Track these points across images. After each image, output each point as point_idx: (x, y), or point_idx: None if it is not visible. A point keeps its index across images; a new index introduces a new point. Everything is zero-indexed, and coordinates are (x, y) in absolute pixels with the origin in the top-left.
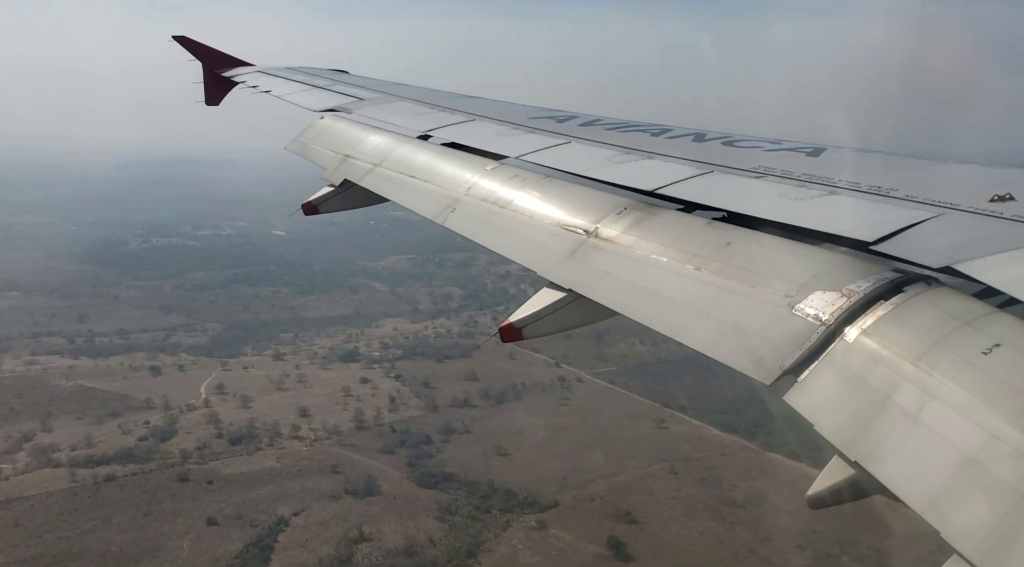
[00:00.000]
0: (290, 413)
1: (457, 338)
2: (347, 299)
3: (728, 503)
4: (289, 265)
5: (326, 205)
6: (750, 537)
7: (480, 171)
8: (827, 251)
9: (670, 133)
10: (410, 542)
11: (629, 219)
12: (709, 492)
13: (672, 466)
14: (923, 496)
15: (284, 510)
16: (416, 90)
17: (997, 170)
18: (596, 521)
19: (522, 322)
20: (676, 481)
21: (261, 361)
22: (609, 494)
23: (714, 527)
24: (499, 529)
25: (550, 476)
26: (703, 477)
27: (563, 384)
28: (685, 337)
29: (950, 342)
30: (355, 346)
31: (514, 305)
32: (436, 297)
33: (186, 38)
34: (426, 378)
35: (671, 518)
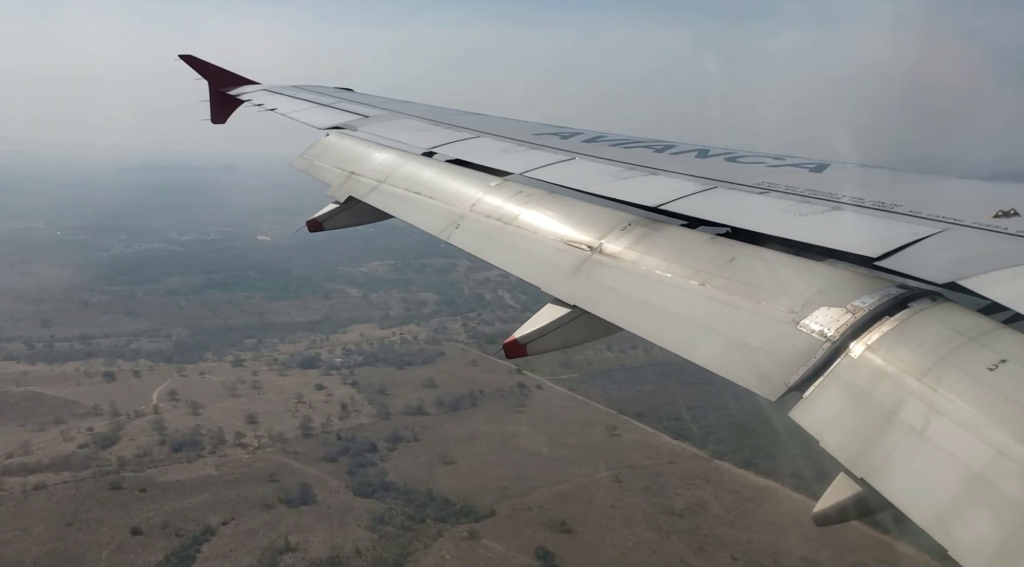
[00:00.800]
0: (238, 420)
1: (423, 344)
2: (318, 305)
3: (668, 512)
4: (267, 270)
5: (331, 222)
6: (684, 547)
7: (484, 187)
8: (831, 267)
9: (674, 149)
10: (336, 552)
11: (633, 235)
12: (650, 501)
13: (617, 474)
14: (930, 513)
15: (213, 519)
16: (421, 107)
17: (1001, 185)
18: (530, 531)
19: (526, 338)
20: (619, 489)
21: (220, 367)
22: (548, 503)
23: (649, 537)
24: (430, 539)
25: (492, 485)
26: (647, 485)
27: (522, 391)
28: (690, 353)
29: (955, 358)
30: (317, 352)
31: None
32: (409, 303)
33: (192, 57)
34: (383, 385)
35: (607, 528)
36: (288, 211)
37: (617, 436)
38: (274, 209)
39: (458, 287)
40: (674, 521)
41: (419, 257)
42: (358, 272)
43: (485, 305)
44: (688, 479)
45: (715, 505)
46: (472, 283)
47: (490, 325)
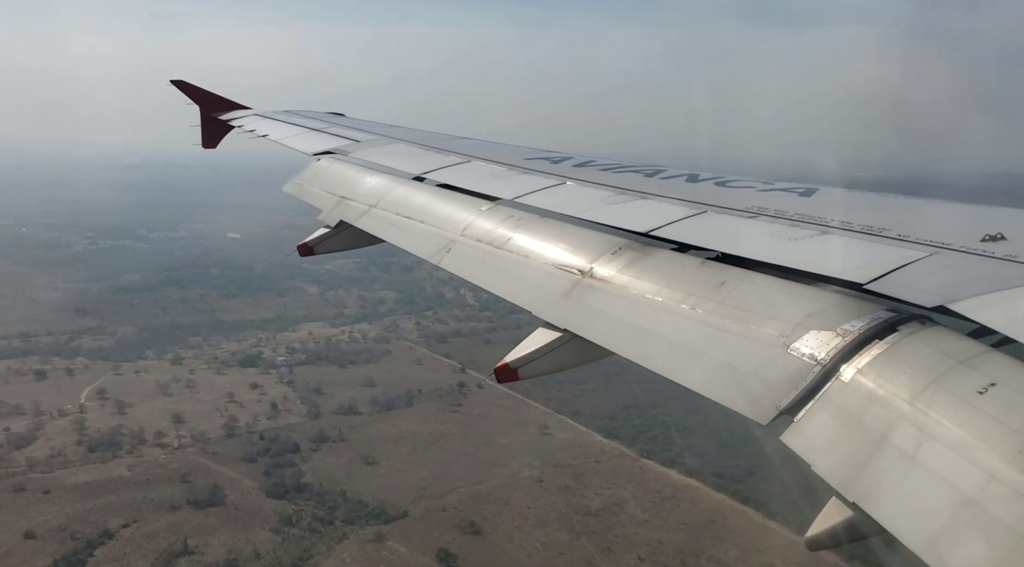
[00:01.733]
0: (164, 419)
1: (371, 343)
2: (272, 303)
3: (583, 512)
4: (229, 268)
5: (322, 246)
6: (593, 548)
7: (475, 212)
8: (821, 290)
9: (663, 174)
10: (234, 555)
11: (624, 259)
12: (568, 501)
13: (540, 474)
14: (922, 537)
15: (114, 522)
16: (412, 132)
17: (988, 209)
18: (439, 533)
19: (517, 362)
20: (539, 489)
21: (158, 365)
22: (464, 504)
23: (559, 537)
24: (334, 542)
25: (411, 485)
26: (568, 485)
27: (461, 390)
28: (680, 377)
29: (946, 381)
30: (260, 351)
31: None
32: (367, 301)
33: (184, 82)
34: (320, 384)
35: (518, 528)
36: (263, 209)
37: (548, 435)
38: (249, 206)
39: (420, 285)
40: (588, 521)
41: (385, 255)
42: (322, 270)
43: (444, 303)
44: (611, 478)
45: (632, 505)
46: (435, 281)
47: (444, 323)
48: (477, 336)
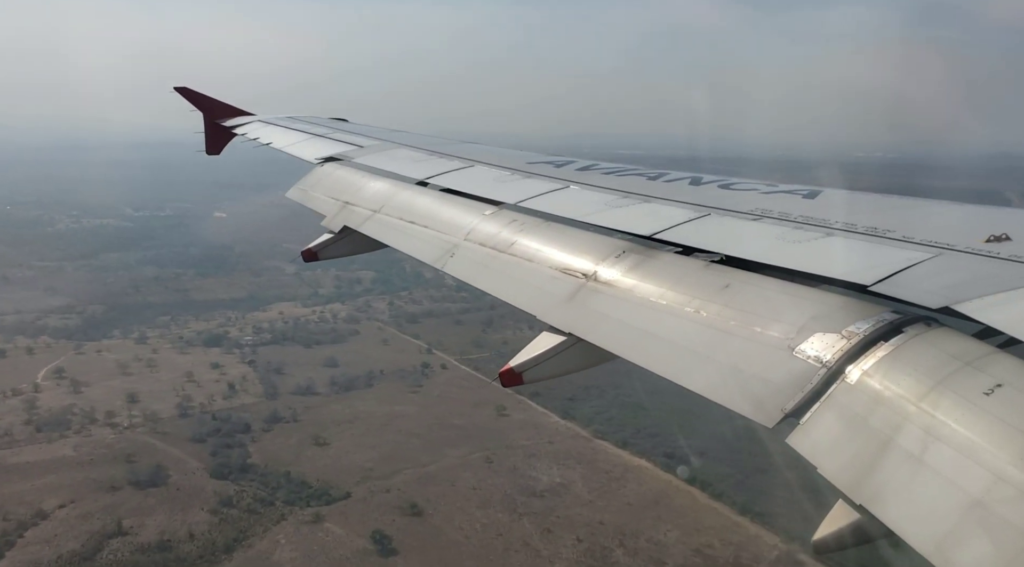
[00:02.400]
0: (118, 399)
1: (341, 323)
2: (247, 282)
3: (529, 493)
4: (209, 247)
5: (326, 252)
6: (533, 529)
7: (479, 216)
8: (826, 293)
9: (667, 177)
10: (167, 536)
11: (628, 262)
12: (515, 482)
13: (491, 455)
14: (929, 539)
15: (50, 502)
16: (415, 137)
17: (992, 210)
18: (379, 514)
19: (522, 366)
20: (487, 470)
21: (122, 345)
22: (409, 485)
23: (500, 519)
24: (271, 523)
25: (358, 467)
26: (517, 466)
27: (425, 371)
28: (685, 380)
29: (951, 383)
30: (226, 331)
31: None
32: (343, 281)
33: (187, 89)
34: (282, 364)
35: (460, 510)
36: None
37: (506, 416)
38: (240, 185)
39: (400, 265)
40: (532, 502)
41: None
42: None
43: (421, 284)
44: (562, 459)
45: (579, 485)
46: (416, 261)
47: (418, 304)
48: (449, 317)
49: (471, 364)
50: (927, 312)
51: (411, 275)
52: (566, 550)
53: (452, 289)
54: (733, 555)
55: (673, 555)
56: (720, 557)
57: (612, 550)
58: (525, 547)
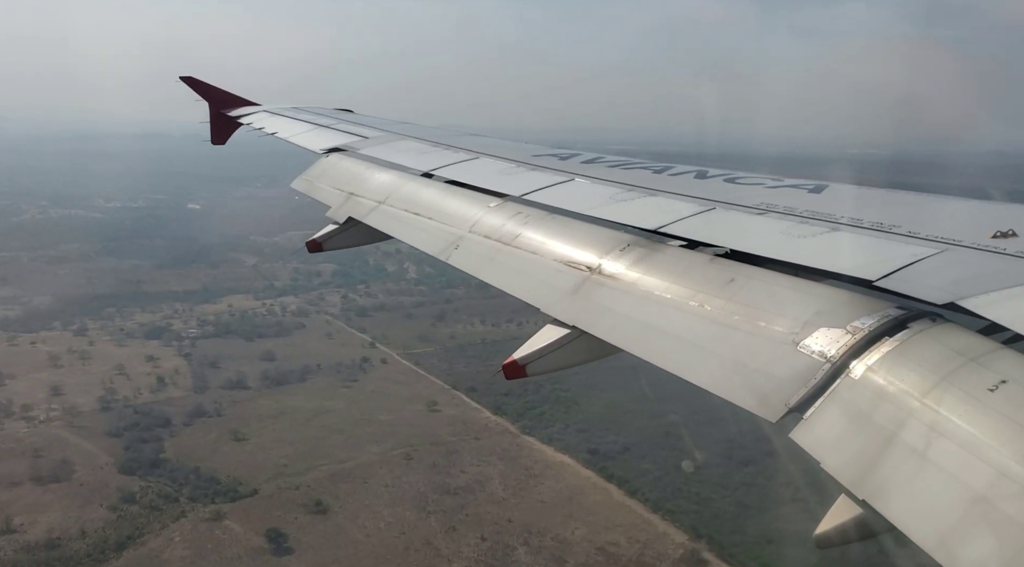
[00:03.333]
0: (41, 392)
1: (289, 316)
2: (203, 274)
3: (442, 491)
4: (174, 239)
5: (331, 243)
6: (438, 527)
7: (483, 208)
8: (831, 288)
9: (672, 170)
10: (57, 535)
11: (632, 256)
12: (431, 479)
13: (411, 452)
14: (932, 535)
15: None
16: (420, 129)
17: (999, 205)
18: (282, 512)
19: (526, 359)
20: (404, 467)
21: (60, 337)
22: (320, 482)
23: (407, 517)
24: (170, 520)
25: (272, 463)
26: (437, 463)
27: (364, 365)
28: (689, 374)
29: (956, 379)
30: (171, 323)
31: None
32: (301, 274)
33: (193, 79)
34: (219, 357)
35: (368, 508)
36: (234, 181)
37: (436, 412)
38: (220, 178)
39: (364, 258)
40: (443, 500)
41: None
42: (271, 241)
43: (382, 277)
44: (484, 456)
45: (496, 483)
46: (380, 255)
47: (372, 297)
48: (402, 311)
49: (413, 359)
50: (932, 308)
51: (373, 268)
52: (468, 549)
53: (410, 283)
54: (637, 553)
55: (576, 553)
56: (623, 555)
57: (515, 548)
58: (426, 546)
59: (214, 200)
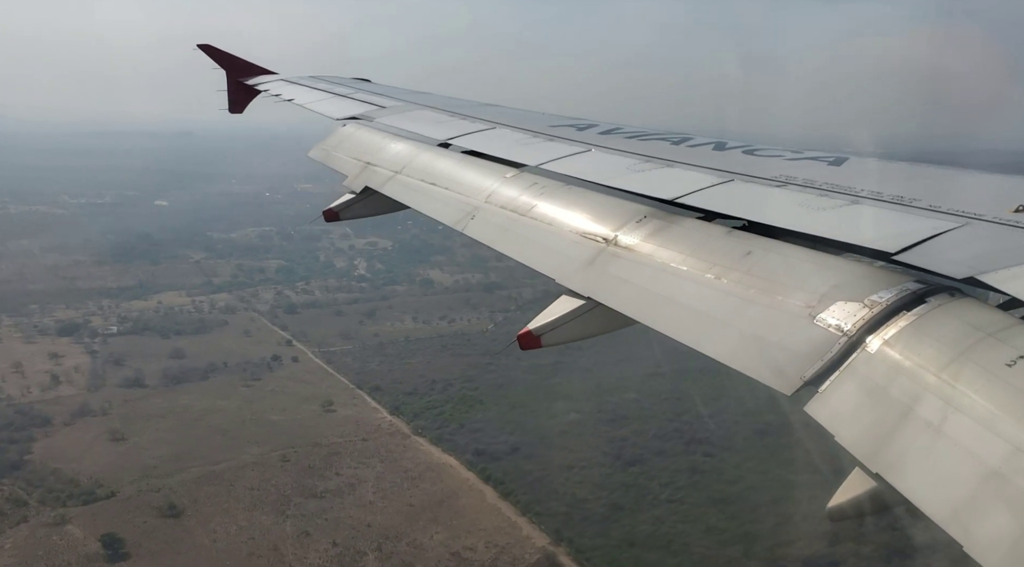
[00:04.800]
0: None
1: (216, 313)
2: (143, 271)
3: (309, 494)
4: (126, 235)
5: (347, 212)
6: (292, 532)
7: (500, 179)
8: (849, 261)
9: (690, 142)
10: None
11: (649, 227)
12: (301, 482)
13: (290, 453)
14: (945, 509)
15: None
16: (437, 98)
17: (1021, 180)
18: (132, 516)
19: (541, 330)
20: (278, 469)
21: None
22: (184, 485)
23: (263, 521)
24: (9, 526)
25: (142, 464)
26: (313, 465)
27: (273, 363)
28: (705, 347)
29: (973, 354)
30: (90, 320)
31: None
32: (244, 270)
33: (210, 47)
34: (126, 355)
35: (225, 511)
36: (208, 176)
37: (331, 412)
38: (193, 174)
39: (315, 255)
40: (307, 504)
41: (301, 222)
42: (227, 237)
43: (329, 273)
44: (365, 457)
45: (369, 486)
46: (331, 251)
47: (308, 294)
48: (333, 307)
49: (327, 357)
50: (951, 282)
51: (322, 265)
52: (315, 555)
53: (356, 279)
54: (492, 558)
55: (427, 559)
56: (477, 560)
57: (365, 554)
58: (272, 551)
59: (184, 197)
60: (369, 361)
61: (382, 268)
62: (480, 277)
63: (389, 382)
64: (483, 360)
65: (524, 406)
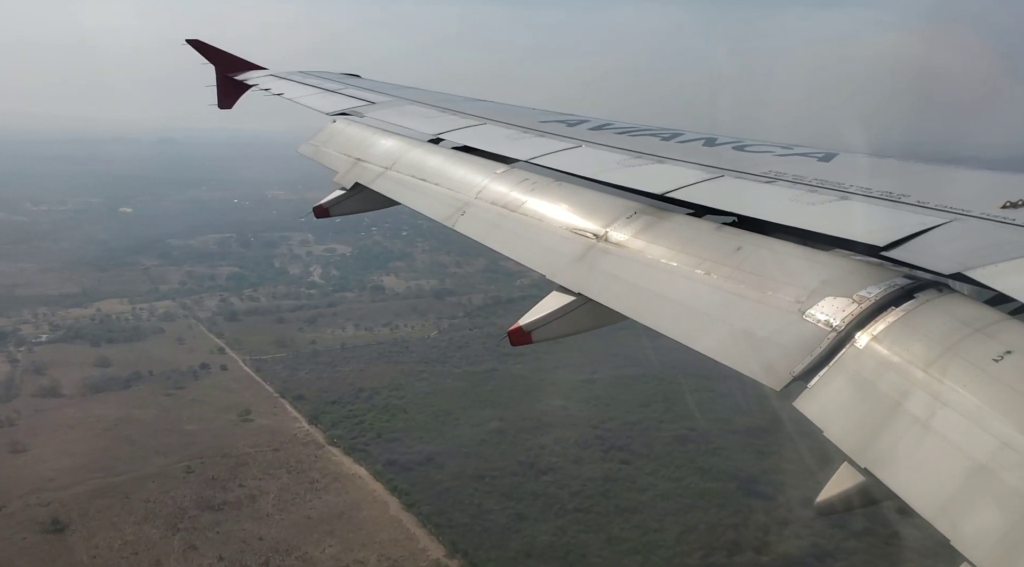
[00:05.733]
0: None
1: (155, 320)
2: (88, 277)
3: (206, 506)
4: (81, 242)
5: (337, 208)
6: (179, 546)
7: (490, 174)
8: (838, 256)
9: (681, 137)
10: None
11: (639, 223)
12: (201, 494)
13: (196, 464)
14: (933, 503)
15: None
16: (427, 94)
17: (1009, 176)
18: (12, 532)
19: (531, 326)
20: (179, 481)
21: None
22: (77, 498)
23: (152, 535)
24: None
25: (39, 476)
26: (217, 476)
27: (200, 372)
28: (695, 342)
29: (961, 349)
30: (20, 328)
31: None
32: (194, 277)
33: (199, 42)
34: (50, 363)
35: (112, 526)
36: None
37: (248, 421)
38: (166, 181)
39: (270, 261)
40: (202, 516)
41: (264, 230)
42: (186, 244)
43: (281, 280)
44: (273, 468)
45: (270, 497)
46: (288, 258)
47: (254, 301)
48: (276, 314)
49: (256, 365)
50: (939, 278)
51: (276, 271)
52: None
53: (306, 286)
54: None
55: None
56: None
57: None
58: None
59: (151, 204)
60: (299, 369)
61: (337, 275)
62: (435, 283)
63: (315, 391)
64: (417, 368)
65: (448, 415)
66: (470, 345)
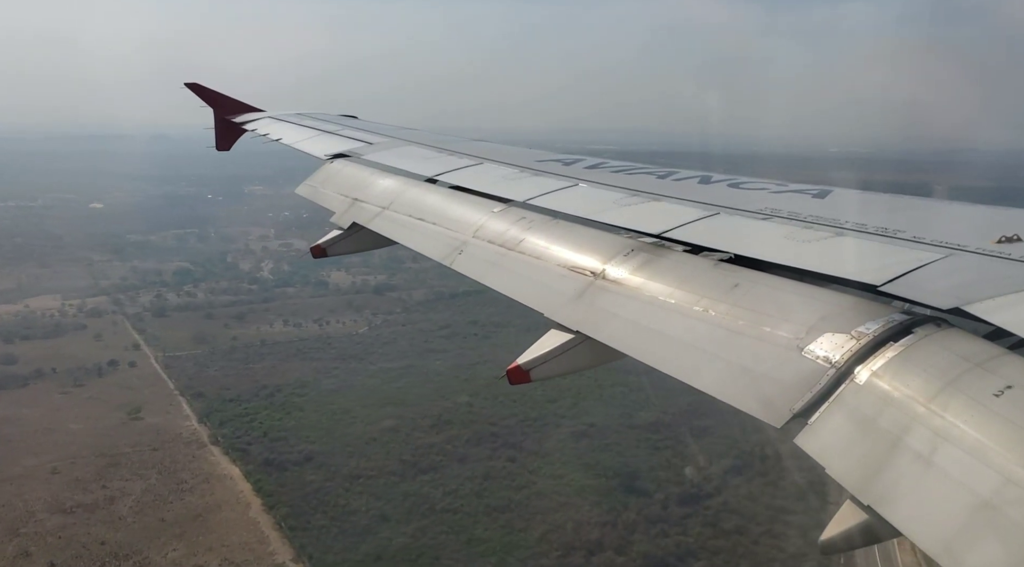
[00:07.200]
0: None
1: (82, 316)
2: (29, 273)
3: (56, 509)
4: (37, 237)
5: (335, 248)
6: (14, 552)
7: (487, 213)
8: (835, 292)
9: (676, 175)
10: None
11: (636, 260)
12: (57, 496)
13: (65, 464)
14: (937, 540)
15: None
16: (424, 134)
17: (1004, 210)
18: None
19: (530, 364)
20: (40, 482)
21: None
22: None
23: None
24: None
25: None
26: (82, 477)
27: (107, 369)
28: (693, 379)
29: (961, 384)
30: None
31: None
32: (137, 272)
33: (198, 85)
34: None
35: None
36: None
37: (137, 420)
38: (147, 177)
39: (223, 257)
40: (49, 520)
41: (228, 225)
42: (144, 240)
43: (228, 275)
44: (144, 468)
45: (130, 499)
46: (243, 253)
47: (190, 297)
48: (206, 310)
49: (168, 362)
50: (937, 313)
51: (227, 266)
52: None
53: (247, 281)
54: None
55: None
56: None
57: None
58: None
59: (124, 199)
60: (210, 366)
61: (288, 270)
62: (383, 279)
63: (217, 388)
64: (332, 365)
65: (347, 413)
66: (396, 341)
